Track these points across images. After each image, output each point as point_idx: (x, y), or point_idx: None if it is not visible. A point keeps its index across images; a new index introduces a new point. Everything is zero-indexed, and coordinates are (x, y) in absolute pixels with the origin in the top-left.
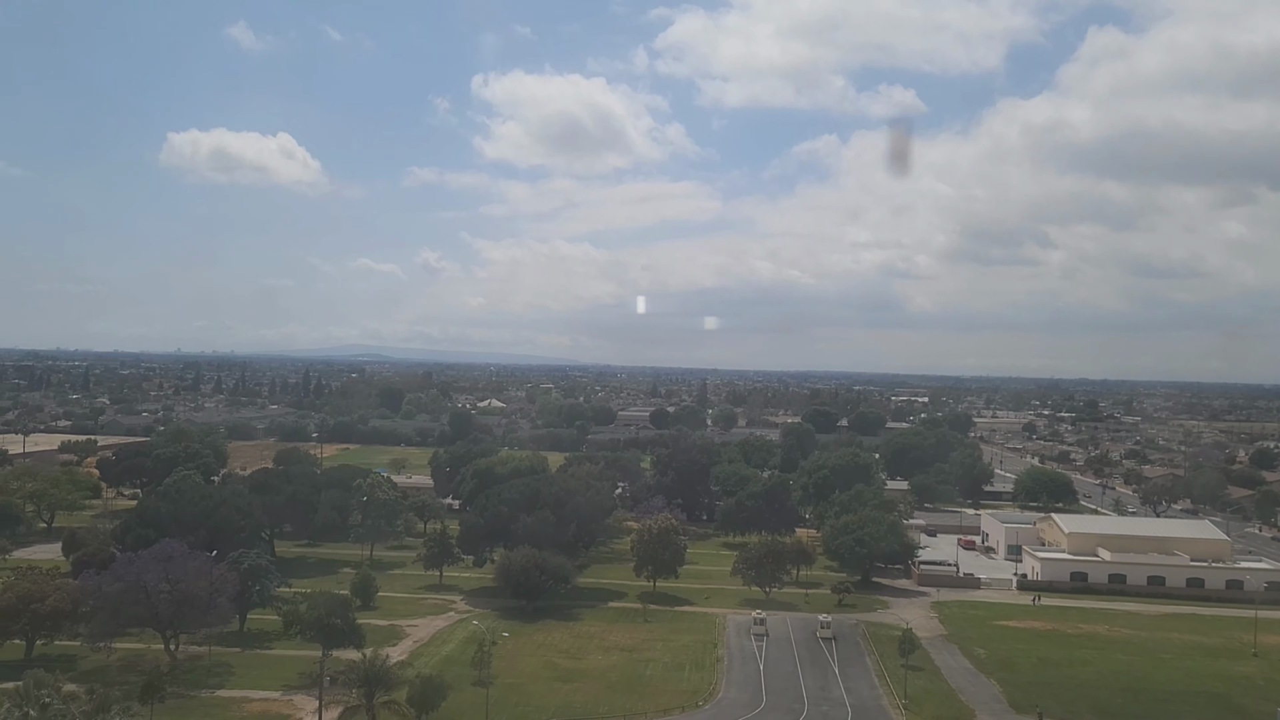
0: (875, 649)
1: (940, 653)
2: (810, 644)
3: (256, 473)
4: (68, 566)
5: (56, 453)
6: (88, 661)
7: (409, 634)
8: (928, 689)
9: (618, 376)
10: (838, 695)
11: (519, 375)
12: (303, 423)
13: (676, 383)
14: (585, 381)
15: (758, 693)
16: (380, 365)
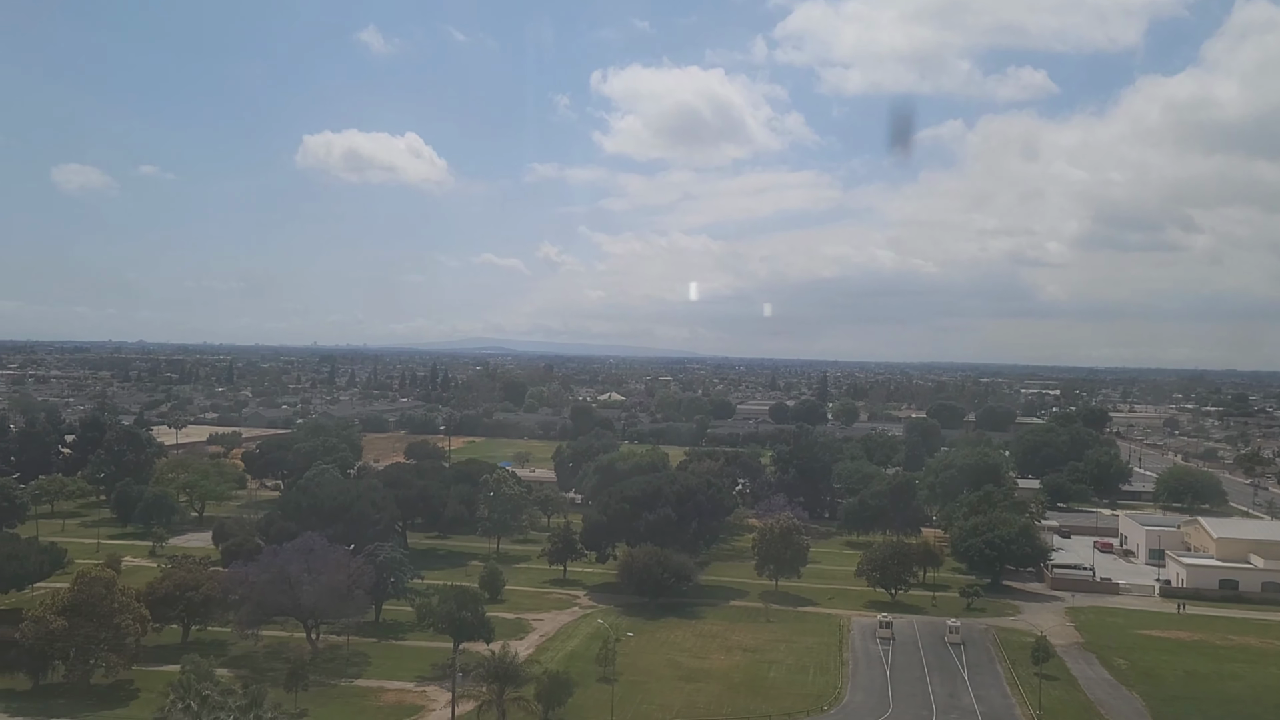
0: (1006, 656)
1: (1076, 662)
2: (938, 649)
3: (389, 467)
4: (218, 555)
5: (205, 444)
6: (237, 647)
7: (535, 628)
8: (1064, 700)
9: (736, 369)
10: (967, 703)
11: (638, 368)
12: (431, 416)
13: (795, 375)
14: (703, 374)
15: (884, 698)
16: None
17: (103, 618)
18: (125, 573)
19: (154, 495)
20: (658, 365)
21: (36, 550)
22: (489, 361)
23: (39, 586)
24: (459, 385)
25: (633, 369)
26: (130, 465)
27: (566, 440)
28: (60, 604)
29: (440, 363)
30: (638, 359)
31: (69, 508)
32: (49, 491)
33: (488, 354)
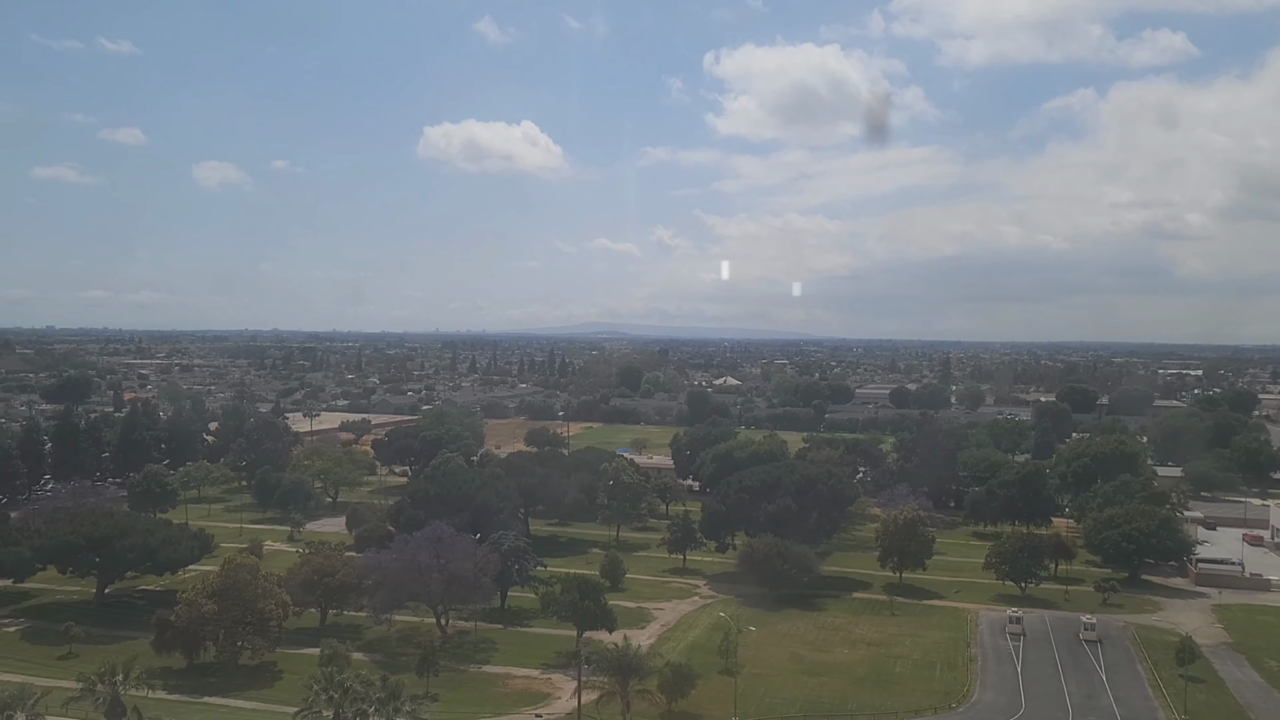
0: (1147, 655)
1: (1225, 663)
2: (1072, 646)
3: (511, 456)
4: (351, 540)
5: (337, 431)
6: (371, 632)
7: (656, 617)
8: (1211, 704)
9: (853, 351)
10: (1106, 705)
11: (753, 351)
12: (549, 402)
13: (916, 357)
14: (820, 357)
15: (1016, 697)
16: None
17: (248, 602)
18: (266, 557)
19: (291, 482)
20: (773, 348)
21: (187, 536)
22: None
23: (190, 570)
24: (576, 370)
25: (747, 352)
26: (269, 453)
27: (683, 426)
28: (210, 589)
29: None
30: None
31: (214, 493)
32: (195, 478)
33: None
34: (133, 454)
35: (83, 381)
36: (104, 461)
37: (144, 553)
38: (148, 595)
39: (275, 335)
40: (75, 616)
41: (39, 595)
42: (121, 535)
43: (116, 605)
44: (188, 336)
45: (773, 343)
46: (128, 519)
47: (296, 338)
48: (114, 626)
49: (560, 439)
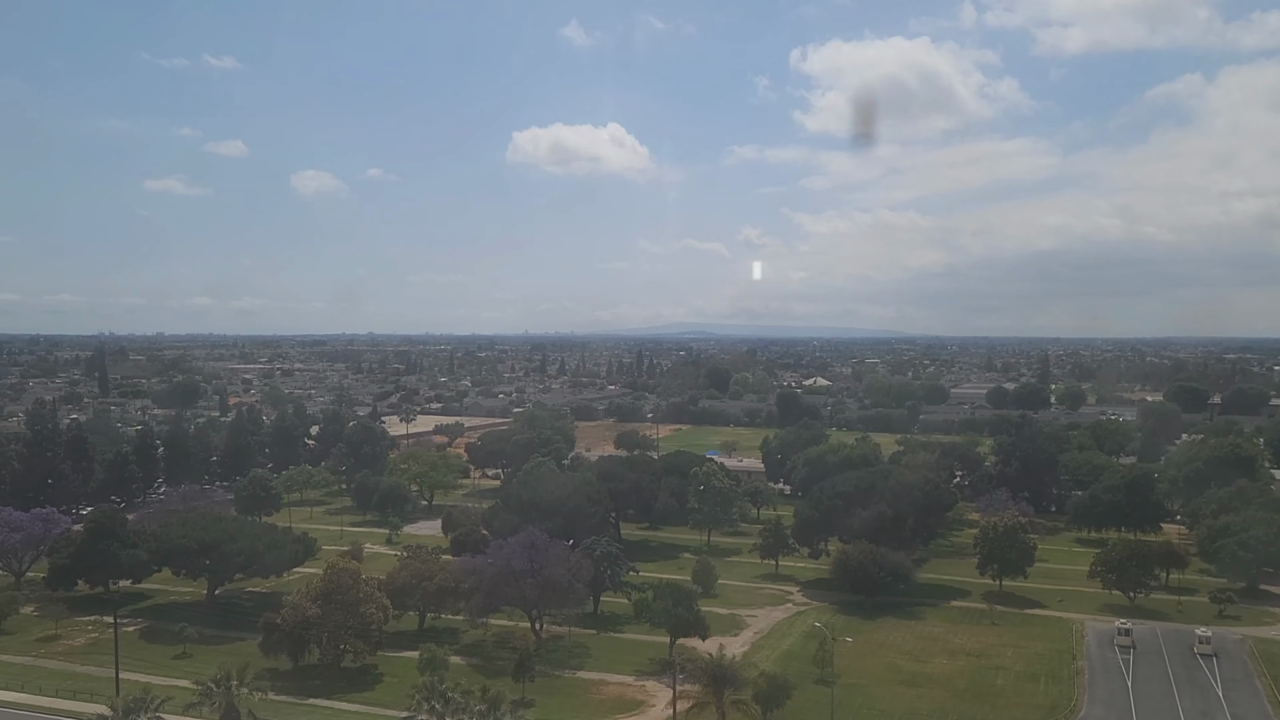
0: (1266, 671)
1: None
2: (1186, 660)
3: (602, 460)
4: (446, 543)
5: (431, 434)
6: (468, 635)
7: (749, 624)
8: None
9: (947, 349)
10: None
11: (843, 350)
12: (638, 404)
13: (1013, 354)
14: (912, 355)
15: (1126, 713)
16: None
17: (350, 606)
18: (366, 560)
19: (389, 486)
20: (863, 346)
21: (292, 540)
22: (692, 346)
23: (295, 572)
24: (664, 372)
25: (837, 351)
26: (368, 457)
27: (772, 428)
28: (314, 593)
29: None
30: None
31: (315, 496)
32: (298, 482)
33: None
34: (239, 458)
35: (191, 387)
36: (212, 465)
37: (251, 556)
38: (254, 597)
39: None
40: (189, 617)
41: (155, 596)
42: (230, 539)
43: (226, 606)
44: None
45: (863, 341)
46: (236, 523)
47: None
48: (224, 627)
49: (649, 441)
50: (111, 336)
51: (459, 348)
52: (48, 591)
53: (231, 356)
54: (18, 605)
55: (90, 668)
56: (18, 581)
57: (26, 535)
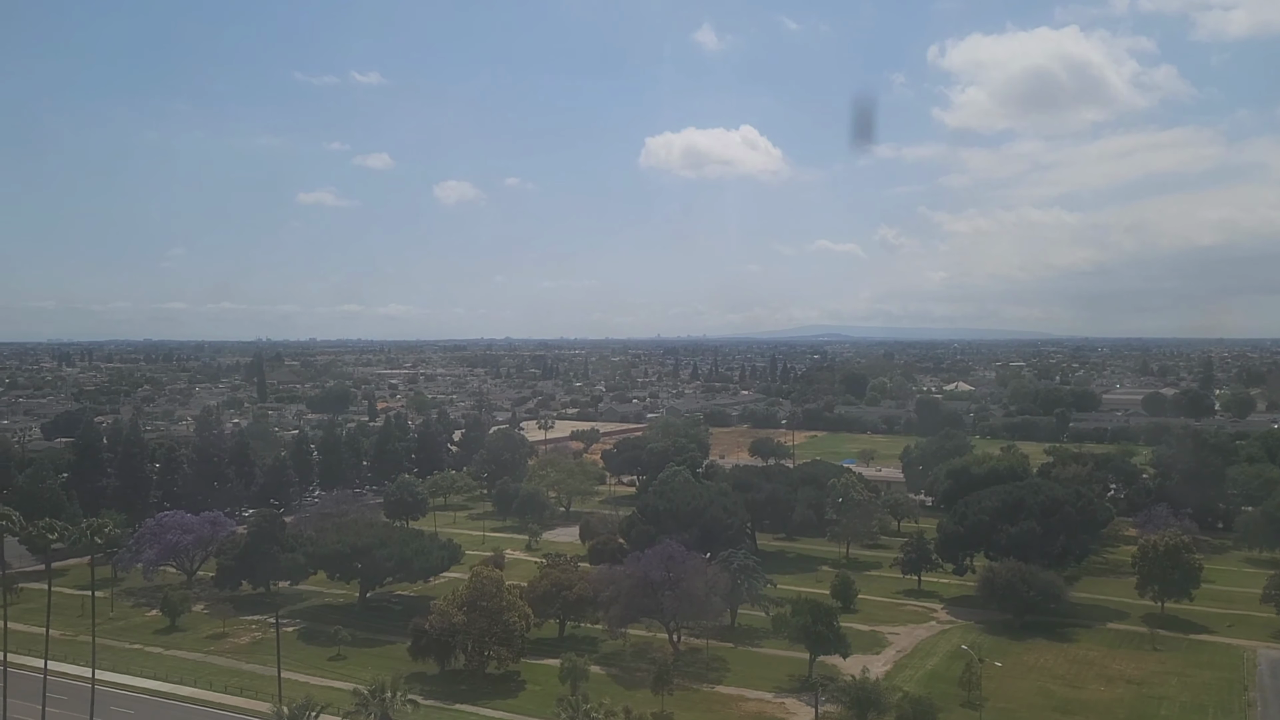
0: None
1: None
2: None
3: (738, 470)
4: (584, 550)
5: (568, 440)
6: (607, 645)
7: (891, 642)
8: None
9: (1098, 351)
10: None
11: (984, 352)
12: (772, 410)
13: (1170, 357)
14: (1059, 358)
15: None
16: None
17: (494, 614)
18: (507, 565)
19: (528, 492)
20: (1007, 349)
21: (437, 546)
22: (826, 349)
23: (441, 577)
24: (798, 377)
25: (979, 354)
26: (507, 464)
27: (912, 435)
28: (459, 600)
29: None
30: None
31: (457, 500)
32: (441, 487)
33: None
34: (387, 463)
35: (342, 393)
36: (363, 470)
37: (400, 562)
38: (403, 600)
39: (508, 344)
40: (342, 619)
41: (311, 597)
42: (381, 545)
43: (376, 608)
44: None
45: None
46: (386, 530)
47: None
48: (375, 630)
49: (784, 449)
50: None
51: (593, 352)
52: (216, 590)
53: (378, 361)
54: (190, 603)
55: (254, 666)
56: (189, 580)
57: (197, 536)
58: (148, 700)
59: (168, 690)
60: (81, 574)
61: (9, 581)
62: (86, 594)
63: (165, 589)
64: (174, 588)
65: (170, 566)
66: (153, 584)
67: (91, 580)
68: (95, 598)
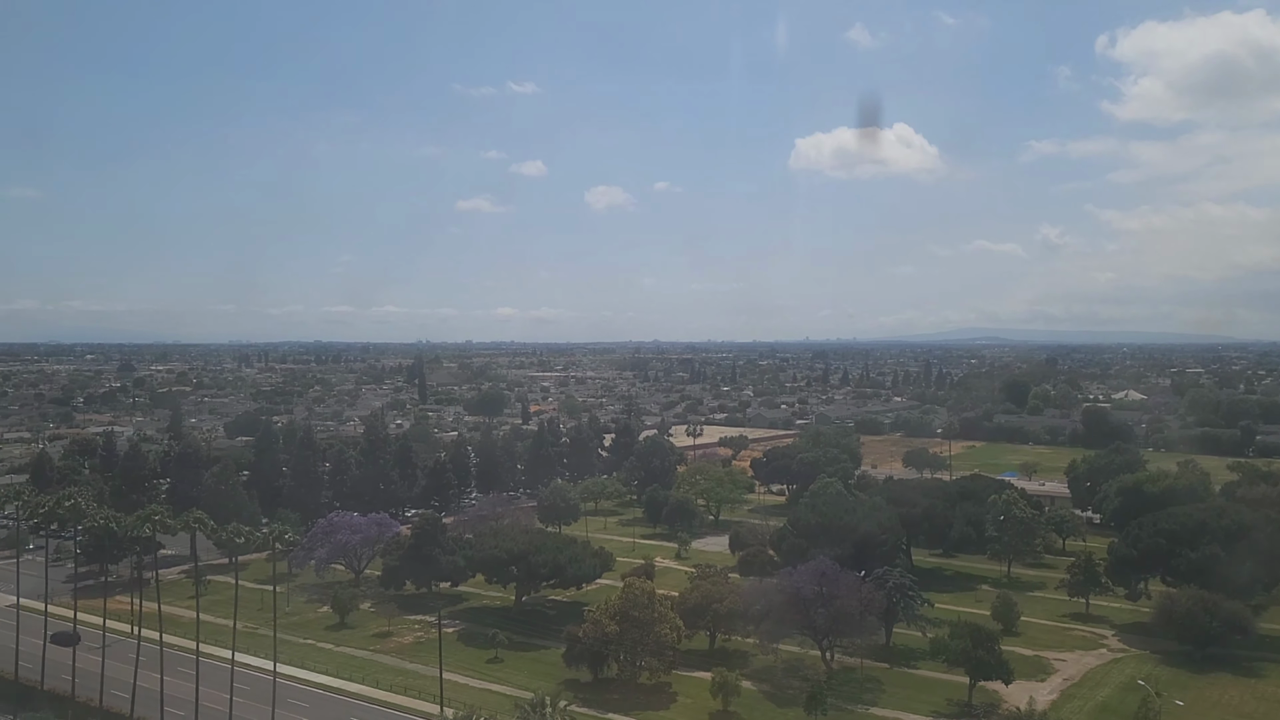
0: None
1: None
2: None
3: (892, 485)
4: (734, 561)
5: (716, 446)
6: (757, 660)
7: (1057, 669)
8: None
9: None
10: None
11: (1158, 358)
12: (926, 418)
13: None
14: (1243, 365)
15: None
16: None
17: (645, 625)
18: (657, 574)
19: (677, 501)
20: (1182, 354)
21: (590, 554)
22: (983, 354)
23: (594, 583)
24: (954, 383)
25: (1151, 359)
26: (657, 471)
27: (1077, 448)
28: (612, 610)
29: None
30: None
31: (608, 506)
32: (593, 492)
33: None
34: (541, 468)
35: (497, 396)
36: (517, 474)
37: (554, 568)
38: (557, 605)
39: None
40: (498, 622)
41: (470, 599)
42: (536, 551)
43: (532, 612)
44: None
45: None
46: (541, 536)
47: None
48: (530, 634)
49: (940, 460)
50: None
51: (740, 355)
52: (381, 590)
53: (530, 364)
54: (358, 601)
55: (417, 665)
56: (356, 579)
57: (364, 537)
58: (320, 695)
59: (337, 686)
60: (260, 568)
61: (200, 574)
62: (265, 588)
63: (335, 586)
64: (343, 586)
65: (339, 564)
66: (323, 581)
67: (274, 581)
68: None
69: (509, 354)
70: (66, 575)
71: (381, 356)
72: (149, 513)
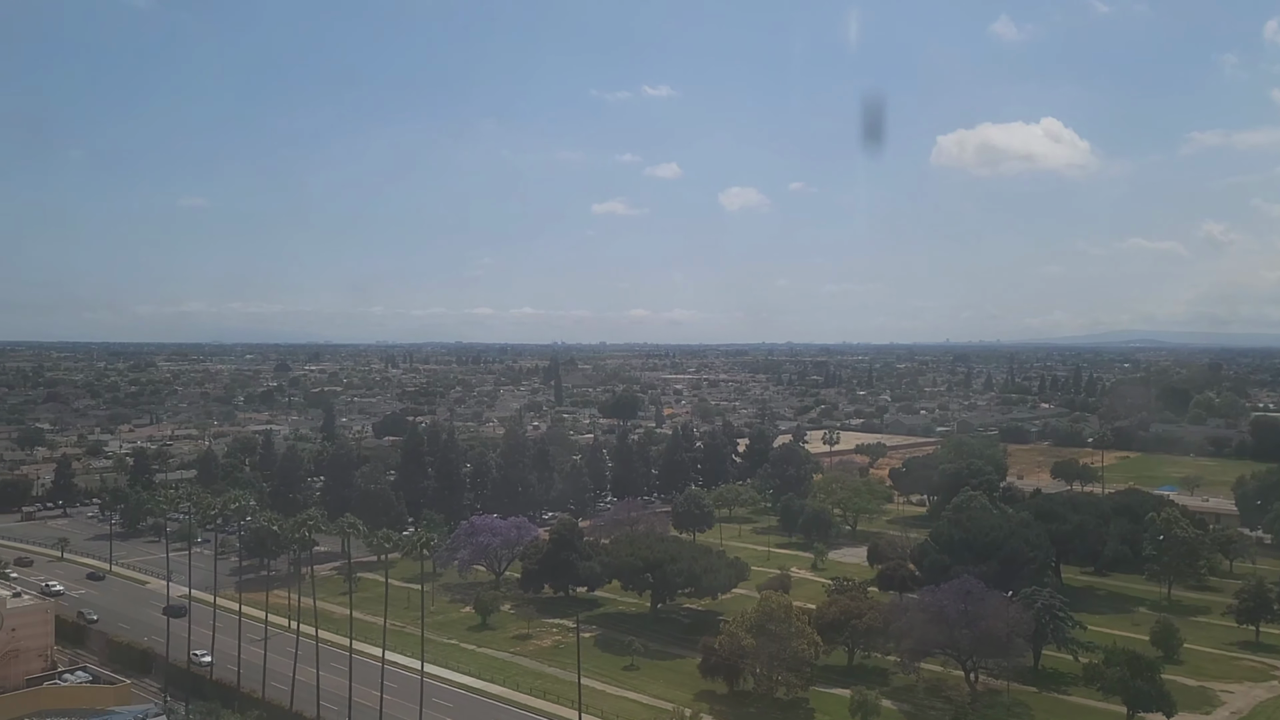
0: None
1: None
2: None
3: (1041, 500)
4: (872, 574)
5: (852, 454)
6: (898, 679)
7: (1224, 702)
8: None
9: None
10: None
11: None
12: (1076, 426)
13: None
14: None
15: None
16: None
17: (782, 640)
18: (793, 585)
19: (814, 510)
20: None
21: (725, 564)
22: (1138, 358)
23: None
24: (1105, 389)
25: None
26: (791, 479)
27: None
28: (748, 623)
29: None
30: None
31: (742, 513)
32: (727, 499)
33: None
34: (674, 473)
35: (631, 399)
36: (651, 478)
37: (689, 578)
38: (692, 614)
39: (789, 349)
40: (634, 628)
41: (605, 605)
42: (671, 561)
43: (666, 620)
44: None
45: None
46: (676, 544)
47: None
48: (665, 642)
49: (1091, 472)
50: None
51: (876, 358)
52: (520, 592)
53: (663, 366)
54: (499, 603)
55: (555, 669)
56: (497, 580)
57: (504, 539)
58: (463, 695)
59: (479, 687)
60: (406, 566)
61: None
62: (411, 586)
63: (477, 588)
64: (484, 587)
65: (480, 566)
66: (465, 581)
67: (421, 588)
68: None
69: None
70: (230, 568)
71: (519, 357)
72: (306, 518)
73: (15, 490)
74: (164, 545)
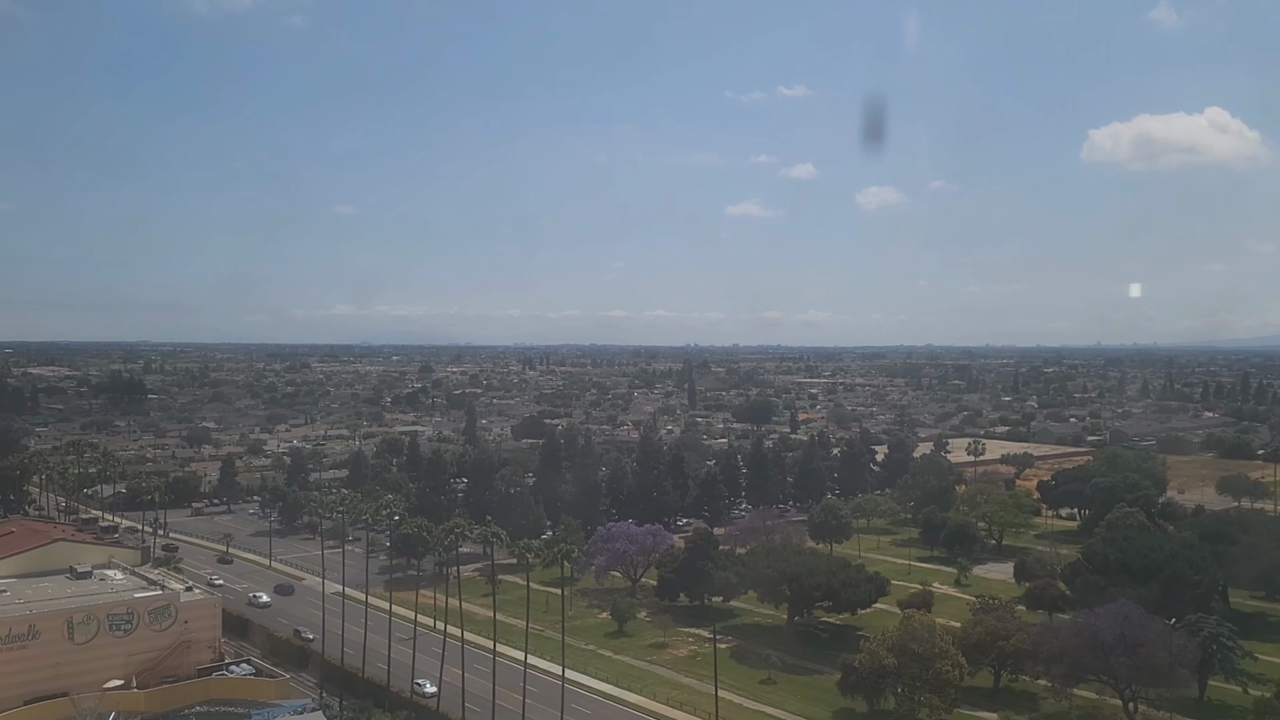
0: None
1: None
2: None
3: (1204, 519)
4: (1019, 591)
5: (997, 464)
6: (1047, 705)
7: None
8: None
9: None
10: None
11: None
12: (1244, 437)
13: None
14: None
15: None
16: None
17: (925, 660)
18: (935, 601)
19: (956, 523)
20: None
21: (864, 579)
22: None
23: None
24: (1276, 396)
25: None
26: (933, 491)
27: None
28: (889, 642)
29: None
30: None
31: (880, 524)
32: (864, 510)
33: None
34: (810, 482)
35: (765, 404)
36: (786, 486)
37: (827, 592)
38: (830, 628)
39: (929, 351)
40: (770, 641)
41: (741, 615)
42: (809, 574)
43: (804, 633)
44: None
45: None
46: (814, 557)
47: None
48: (802, 656)
49: (1262, 487)
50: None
51: (1021, 361)
52: (657, 600)
53: (797, 369)
54: (635, 610)
55: (691, 680)
56: (633, 587)
57: (640, 546)
58: (601, 702)
59: (617, 695)
60: (545, 570)
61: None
62: (549, 590)
63: (614, 594)
64: (621, 593)
65: (616, 572)
66: (602, 587)
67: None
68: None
69: (775, 358)
70: (379, 566)
71: (652, 360)
72: (452, 526)
73: (186, 487)
74: (319, 543)
